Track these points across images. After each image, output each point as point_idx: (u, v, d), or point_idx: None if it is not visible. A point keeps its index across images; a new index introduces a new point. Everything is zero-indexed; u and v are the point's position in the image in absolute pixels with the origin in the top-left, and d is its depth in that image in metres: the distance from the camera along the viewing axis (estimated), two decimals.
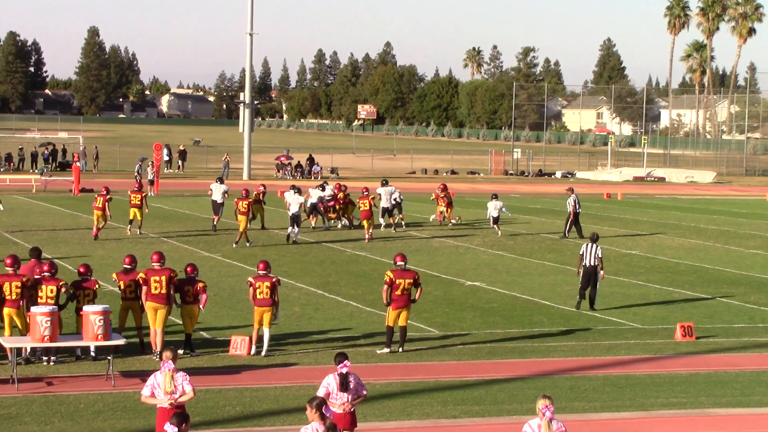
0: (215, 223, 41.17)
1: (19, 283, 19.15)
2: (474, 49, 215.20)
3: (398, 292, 20.66)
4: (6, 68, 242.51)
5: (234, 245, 36.18)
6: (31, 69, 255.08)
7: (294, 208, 37.68)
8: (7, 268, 19.46)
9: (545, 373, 19.71)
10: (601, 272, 26.46)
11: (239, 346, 20.42)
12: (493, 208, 42.16)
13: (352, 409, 13.21)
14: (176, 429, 10.97)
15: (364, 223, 39.43)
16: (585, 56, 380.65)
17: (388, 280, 20.67)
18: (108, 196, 37.02)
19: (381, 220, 42.55)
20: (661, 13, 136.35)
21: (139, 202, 38.43)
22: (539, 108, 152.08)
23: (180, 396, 12.96)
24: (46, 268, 19.76)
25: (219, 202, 40.72)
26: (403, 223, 43.82)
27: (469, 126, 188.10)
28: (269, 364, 19.77)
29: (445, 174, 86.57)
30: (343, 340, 21.97)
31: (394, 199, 42.56)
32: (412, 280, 20.77)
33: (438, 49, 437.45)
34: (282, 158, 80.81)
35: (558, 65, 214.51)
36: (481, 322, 24.57)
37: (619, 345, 22.44)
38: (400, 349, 20.93)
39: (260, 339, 20.49)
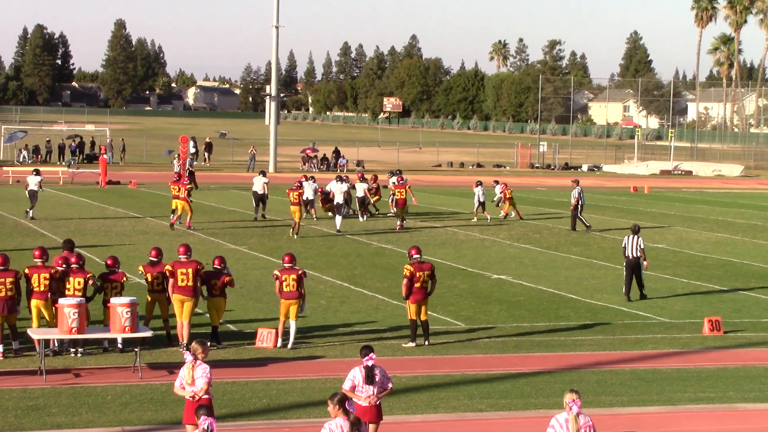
0: (256, 214, 42.58)
1: (47, 275, 19.25)
2: (500, 42, 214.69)
3: (418, 285, 20.68)
4: (33, 61, 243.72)
5: (294, 236, 36.76)
6: (59, 62, 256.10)
7: (338, 198, 38.39)
8: (35, 260, 19.56)
9: (572, 367, 19.65)
10: (645, 263, 27.00)
11: (265, 339, 20.46)
12: (480, 194, 43.58)
13: (377, 402, 13.21)
14: (209, 420, 10.96)
15: (399, 211, 40.26)
16: (611, 49, 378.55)
17: (408, 274, 20.66)
18: (188, 185, 38.71)
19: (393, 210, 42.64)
20: (688, 6, 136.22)
21: (179, 193, 39.11)
22: (565, 101, 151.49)
23: (199, 390, 12.94)
24: (73, 260, 19.88)
25: (260, 193, 42.15)
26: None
27: (495, 119, 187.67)
28: (295, 357, 19.80)
29: (471, 167, 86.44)
30: (369, 333, 21.98)
31: None
32: (429, 272, 20.81)
33: (464, 42, 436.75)
34: (308, 151, 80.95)
35: (584, 58, 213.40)
36: (508, 315, 24.52)
37: (646, 339, 22.35)
38: (426, 342, 20.93)
39: (286, 331, 20.51)
